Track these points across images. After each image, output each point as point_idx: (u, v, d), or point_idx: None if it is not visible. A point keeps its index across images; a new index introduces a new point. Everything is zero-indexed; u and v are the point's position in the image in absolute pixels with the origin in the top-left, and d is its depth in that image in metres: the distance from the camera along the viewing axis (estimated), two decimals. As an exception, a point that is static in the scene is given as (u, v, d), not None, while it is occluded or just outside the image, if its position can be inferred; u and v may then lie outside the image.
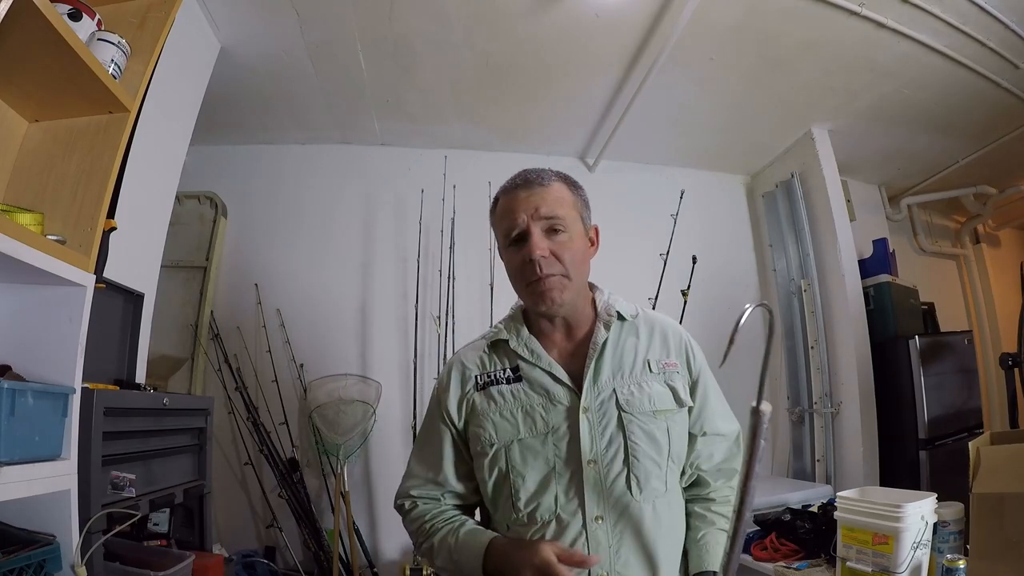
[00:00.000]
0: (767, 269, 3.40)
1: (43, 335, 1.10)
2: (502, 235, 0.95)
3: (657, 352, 0.95)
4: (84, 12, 1.20)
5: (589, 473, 0.85)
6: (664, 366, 0.94)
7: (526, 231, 0.90)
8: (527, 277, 0.90)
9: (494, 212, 0.99)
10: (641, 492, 0.86)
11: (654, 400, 0.90)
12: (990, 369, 3.57)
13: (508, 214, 0.93)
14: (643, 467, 0.86)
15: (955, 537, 1.46)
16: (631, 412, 0.88)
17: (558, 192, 0.93)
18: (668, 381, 0.93)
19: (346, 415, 2.62)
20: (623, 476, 0.86)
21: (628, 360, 0.93)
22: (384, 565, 2.69)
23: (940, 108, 2.84)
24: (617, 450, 0.87)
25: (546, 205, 0.91)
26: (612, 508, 0.85)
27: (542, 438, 0.88)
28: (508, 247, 0.94)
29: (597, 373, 0.91)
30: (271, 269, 2.94)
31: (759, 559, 1.71)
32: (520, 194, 0.93)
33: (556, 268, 0.89)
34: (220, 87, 2.29)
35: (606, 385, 0.90)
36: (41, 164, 1.23)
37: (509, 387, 0.92)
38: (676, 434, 0.91)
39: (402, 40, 2.29)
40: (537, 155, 3.23)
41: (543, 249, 0.88)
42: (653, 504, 0.87)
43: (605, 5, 2.11)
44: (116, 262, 1.50)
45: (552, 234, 0.90)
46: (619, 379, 0.91)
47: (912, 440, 2.65)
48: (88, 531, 1.09)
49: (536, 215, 0.90)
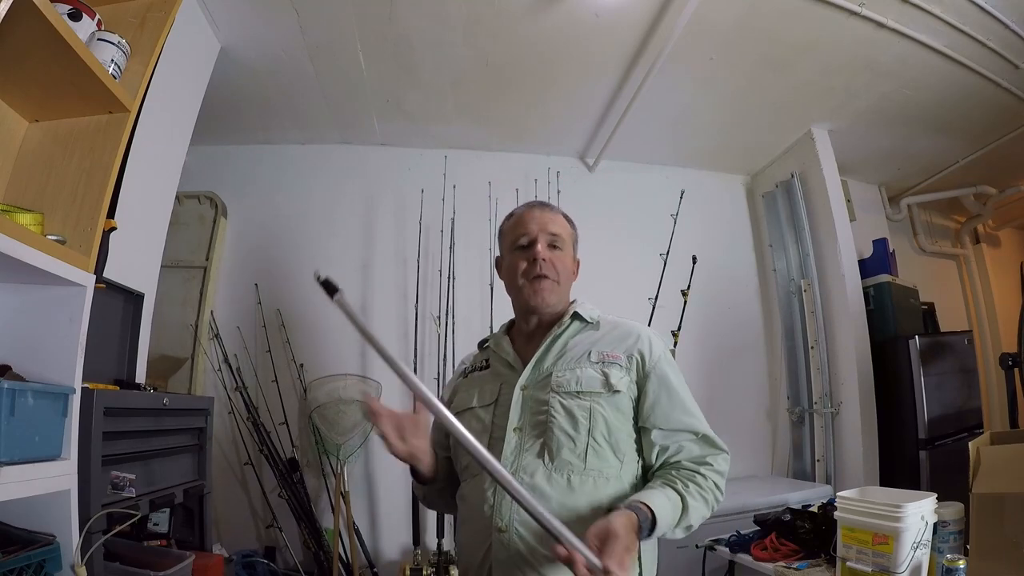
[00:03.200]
0: (767, 269, 3.40)
1: (43, 335, 1.10)
2: (511, 240, 1.14)
3: (605, 346, 1.08)
4: (84, 12, 1.20)
5: (511, 438, 1.01)
6: (604, 356, 1.06)
7: (535, 239, 1.10)
8: (528, 274, 1.09)
9: (507, 223, 1.18)
10: (552, 461, 0.97)
11: (581, 382, 1.02)
12: (990, 369, 3.57)
13: (522, 224, 1.13)
14: (556, 439, 0.98)
15: (955, 537, 1.46)
16: (557, 391, 1.02)
17: (563, 221, 1.17)
18: (604, 369, 1.04)
19: (346, 415, 2.62)
20: (538, 444, 0.99)
21: (574, 352, 1.08)
22: (384, 565, 2.69)
23: (940, 108, 2.84)
24: (538, 422, 1.01)
25: (553, 225, 1.13)
26: (523, 470, 0.98)
27: (486, 407, 1.08)
28: (514, 251, 1.13)
29: (541, 359, 1.08)
30: (271, 269, 2.94)
31: (759, 559, 1.71)
32: (535, 212, 1.15)
33: (551, 272, 1.09)
34: (220, 87, 2.29)
35: (545, 369, 1.06)
36: (41, 164, 1.23)
37: (479, 373, 1.16)
38: (601, 416, 1.00)
39: (402, 40, 2.29)
40: (537, 155, 3.23)
41: (546, 253, 1.09)
42: (568, 477, 0.96)
43: (605, 5, 2.12)
44: (116, 262, 1.50)
45: (552, 248, 1.11)
46: (559, 365, 1.06)
47: (912, 440, 2.65)
48: (88, 531, 1.09)
49: (545, 230, 1.12)
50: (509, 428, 1.01)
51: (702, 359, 3.06)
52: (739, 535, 1.89)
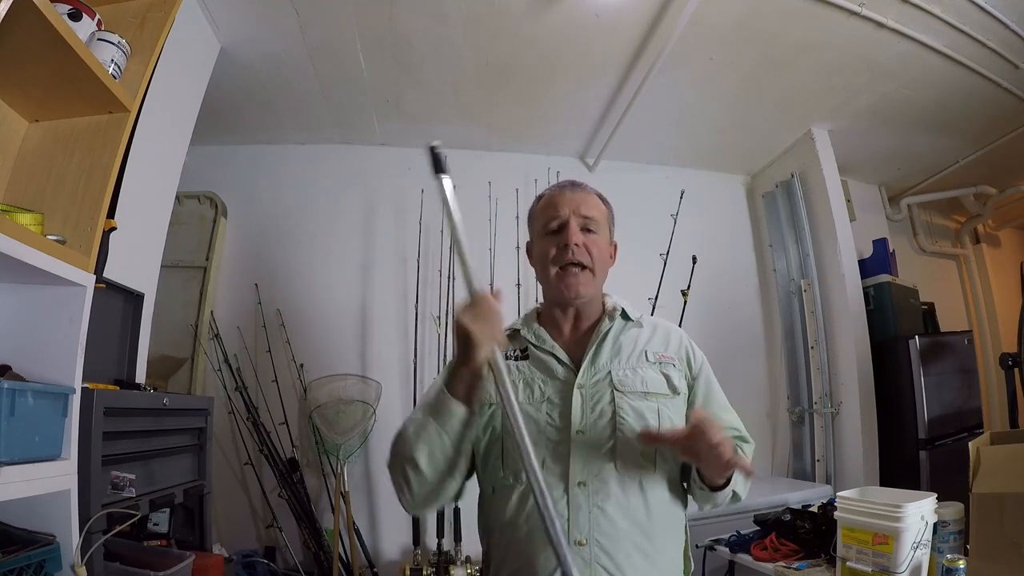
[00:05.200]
0: (767, 269, 3.40)
1: (43, 335, 1.10)
2: (541, 224, 1.05)
3: (656, 346, 1.03)
4: (84, 12, 1.20)
5: (577, 441, 0.92)
6: (661, 357, 1.01)
7: (566, 222, 1.01)
8: (559, 261, 1.00)
9: (537, 206, 1.09)
10: (624, 465, 0.91)
11: (646, 383, 0.97)
12: (990, 369, 3.57)
13: (552, 207, 1.04)
14: (628, 442, 0.92)
15: (955, 537, 1.46)
16: (623, 391, 0.95)
17: (596, 200, 1.08)
18: (663, 370, 1.00)
19: (346, 415, 2.62)
20: (608, 447, 0.92)
21: (627, 349, 1.01)
22: (384, 565, 2.69)
23: (940, 108, 2.84)
24: (606, 423, 0.93)
25: (586, 206, 1.04)
26: (595, 476, 0.90)
27: (537, 405, 0.96)
28: (545, 236, 1.04)
29: (596, 356, 0.99)
30: (271, 269, 2.94)
31: (759, 559, 1.71)
32: (566, 193, 1.05)
33: (585, 259, 1.00)
34: (220, 87, 2.29)
35: (603, 367, 0.98)
36: (41, 164, 1.23)
37: (516, 363, 1.02)
38: (668, 419, 0.96)
39: (402, 40, 2.29)
40: (537, 155, 3.23)
41: (579, 238, 1.00)
42: (640, 482, 0.92)
43: (605, 5, 2.11)
44: (116, 262, 1.50)
45: (586, 232, 1.02)
46: (616, 363, 0.99)
47: (912, 440, 2.65)
48: (88, 531, 1.09)
49: (577, 212, 1.02)
50: (572, 430, 0.93)
51: (702, 359, 3.06)
52: (739, 535, 1.89)
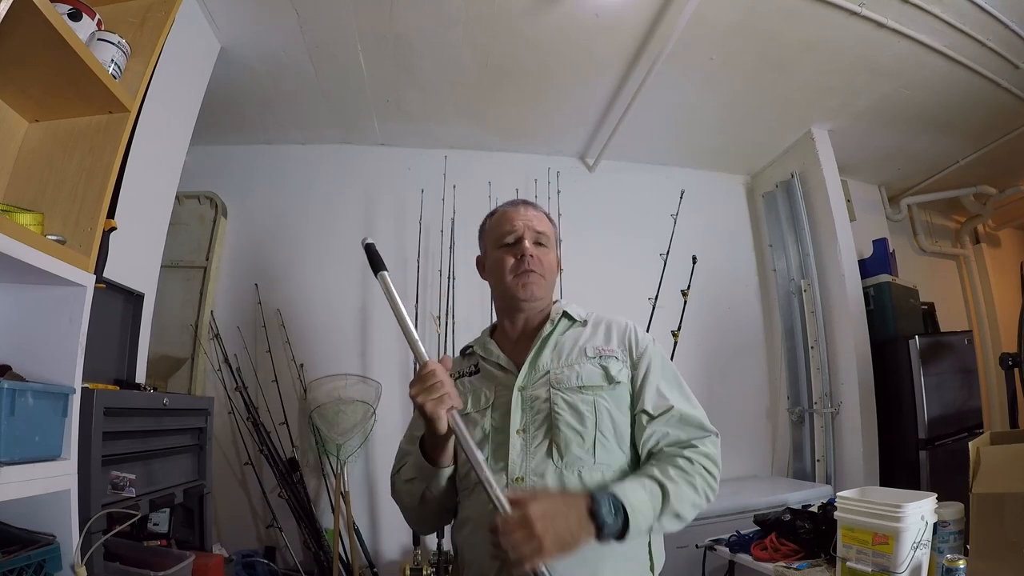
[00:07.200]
0: (767, 269, 3.40)
1: (43, 335, 1.10)
2: (497, 237, 1.13)
3: (597, 341, 1.08)
4: (84, 12, 1.20)
5: (516, 441, 0.98)
6: (600, 351, 1.06)
7: (522, 236, 1.10)
8: (516, 269, 1.09)
9: (490, 220, 1.18)
10: (562, 459, 0.96)
11: (582, 377, 1.02)
12: (990, 369, 3.57)
13: (508, 221, 1.13)
14: (563, 435, 0.97)
15: (955, 537, 1.46)
16: (558, 388, 1.01)
17: (546, 219, 1.18)
18: (602, 363, 1.04)
19: (346, 415, 2.62)
20: (545, 444, 0.97)
21: (567, 349, 1.07)
22: (384, 565, 2.68)
23: (940, 108, 2.84)
24: (542, 421, 0.99)
25: (539, 223, 1.14)
26: (533, 472, 0.96)
27: (482, 412, 1.04)
28: (500, 248, 1.12)
29: (536, 359, 1.06)
30: (271, 269, 2.94)
31: (759, 559, 1.71)
32: (520, 209, 1.15)
33: (539, 268, 1.10)
34: (220, 87, 2.29)
35: (542, 368, 1.05)
36: (41, 164, 1.23)
37: (470, 378, 1.12)
38: (604, 410, 0.99)
39: (402, 40, 2.29)
40: (537, 155, 3.23)
41: (533, 251, 1.09)
42: (578, 473, 0.95)
43: (605, 5, 2.12)
44: (116, 262, 1.49)
45: (537, 246, 1.11)
46: (555, 363, 1.05)
47: (912, 440, 2.65)
48: (88, 531, 1.09)
49: (530, 227, 1.12)
50: (512, 431, 0.99)
51: (702, 359, 3.06)
52: (739, 535, 1.89)
